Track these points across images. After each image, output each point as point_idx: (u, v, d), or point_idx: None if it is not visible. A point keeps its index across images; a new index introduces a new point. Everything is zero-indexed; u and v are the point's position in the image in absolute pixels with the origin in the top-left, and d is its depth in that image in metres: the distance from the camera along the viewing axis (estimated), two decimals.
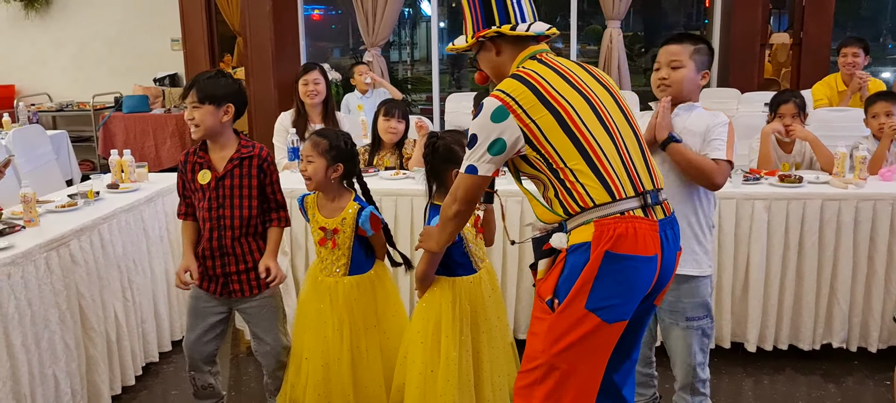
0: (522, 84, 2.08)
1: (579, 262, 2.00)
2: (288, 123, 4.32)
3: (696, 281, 2.63)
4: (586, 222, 2.01)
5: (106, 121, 8.08)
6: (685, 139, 2.61)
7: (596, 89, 2.15)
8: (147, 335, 3.56)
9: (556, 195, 2.08)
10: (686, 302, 2.64)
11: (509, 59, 2.21)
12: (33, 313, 2.72)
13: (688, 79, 2.62)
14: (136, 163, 3.91)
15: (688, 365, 2.71)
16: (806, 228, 3.47)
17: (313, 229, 2.77)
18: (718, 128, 2.60)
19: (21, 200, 3.03)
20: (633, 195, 2.04)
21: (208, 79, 2.66)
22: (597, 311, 1.98)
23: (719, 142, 2.58)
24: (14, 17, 8.68)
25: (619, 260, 1.98)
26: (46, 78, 8.84)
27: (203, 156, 2.70)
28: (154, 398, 3.42)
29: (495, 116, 2.06)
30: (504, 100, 2.07)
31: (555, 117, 2.04)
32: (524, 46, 2.19)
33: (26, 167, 5.40)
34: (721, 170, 2.57)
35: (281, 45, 7.35)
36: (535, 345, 2.07)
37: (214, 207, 2.69)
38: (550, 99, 2.06)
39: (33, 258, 2.75)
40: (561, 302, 2.01)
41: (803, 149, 4.01)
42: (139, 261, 3.48)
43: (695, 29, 9.80)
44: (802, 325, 3.59)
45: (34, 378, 2.72)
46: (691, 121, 2.64)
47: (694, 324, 2.66)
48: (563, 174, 2.04)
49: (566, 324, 2.01)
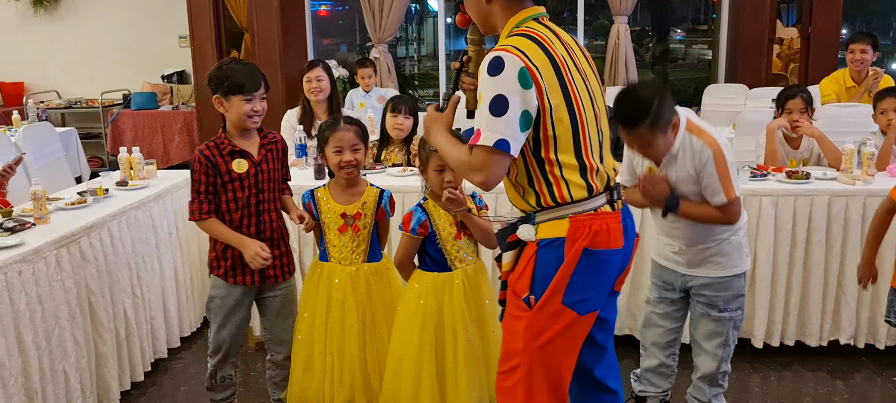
0: (541, 49, 1.92)
1: (552, 258, 1.99)
2: (294, 120, 4.34)
3: (730, 279, 2.65)
4: (560, 217, 1.99)
5: (114, 118, 8.12)
6: (683, 189, 2.53)
7: (590, 74, 2.08)
8: (156, 331, 3.59)
9: (532, 184, 2.01)
10: (721, 296, 2.66)
11: (501, 13, 2.03)
12: (44, 310, 2.75)
13: (661, 149, 2.47)
14: (144, 160, 3.93)
15: (715, 356, 2.71)
16: (813, 224, 3.46)
17: (330, 219, 2.77)
18: (705, 170, 2.43)
19: (31, 198, 3.06)
20: (604, 190, 2.05)
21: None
22: (572, 306, 2.01)
23: (713, 188, 2.45)
24: (23, 15, 8.73)
25: (595, 256, 2.00)
26: (55, 75, 8.89)
27: (235, 145, 2.70)
28: (163, 393, 3.44)
29: (522, 79, 1.86)
30: (527, 63, 1.87)
31: (566, 104, 1.95)
32: (521, 4, 2.02)
33: (36, 164, 5.42)
34: (728, 213, 2.49)
35: (288, 41, 7.37)
36: (515, 343, 2.07)
37: (254, 193, 2.72)
38: (567, 80, 1.95)
39: (44, 255, 2.77)
40: (538, 298, 2.01)
41: (811, 144, 4.00)
42: (148, 258, 3.50)
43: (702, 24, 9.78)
44: (809, 321, 3.59)
45: (45, 375, 2.74)
46: (680, 168, 2.50)
47: (726, 315, 2.67)
48: (550, 165, 1.97)
49: (544, 321, 2.02)
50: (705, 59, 9.26)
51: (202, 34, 7.20)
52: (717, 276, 2.64)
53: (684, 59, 9.98)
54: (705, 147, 2.41)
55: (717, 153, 2.41)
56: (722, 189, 2.43)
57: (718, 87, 6.93)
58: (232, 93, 2.63)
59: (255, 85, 2.65)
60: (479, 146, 1.89)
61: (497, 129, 1.86)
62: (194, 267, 3.98)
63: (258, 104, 2.68)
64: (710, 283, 2.66)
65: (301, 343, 2.81)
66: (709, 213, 2.51)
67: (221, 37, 7.39)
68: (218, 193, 2.70)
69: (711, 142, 2.42)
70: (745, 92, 6.40)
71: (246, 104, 2.64)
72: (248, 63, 2.75)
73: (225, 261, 2.75)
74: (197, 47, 7.29)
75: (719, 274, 2.64)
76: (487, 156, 1.89)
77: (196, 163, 2.68)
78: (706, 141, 2.42)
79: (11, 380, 2.56)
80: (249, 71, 2.68)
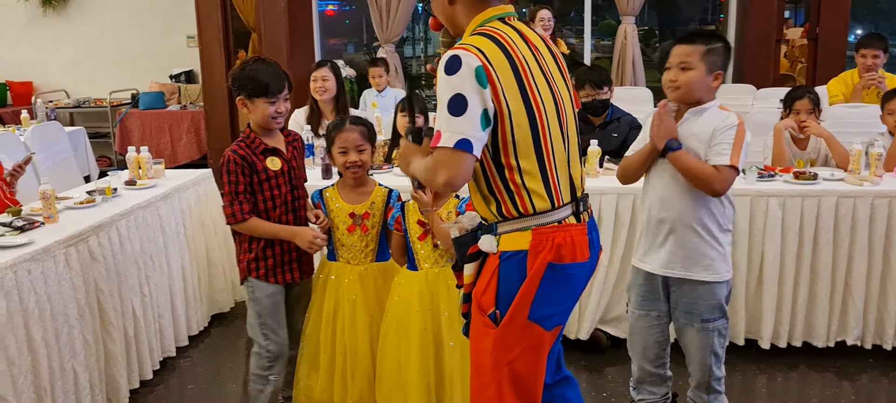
0: (500, 49, 1.88)
1: (514, 271, 1.93)
2: (302, 120, 4.35)
3: (712, 285, 2.61)
4: (522, 229, 1.93)
5: (123, 117, 8.15)
6: (691, 144, 2.54)
7: (557, 78, 2.02)
8: (164, 330, 3.60)
9: (492, 191, 1.95)
10: (701, 304, 2.62)
11: (465, 12, 1.99)
12: (53, 308, 2.77)
13: (697, 81, 2.53)
14: (153, 159, 3.95)
15: (703, 365, 2.69)
16: (821, 225, 3.46)
17: (339, 219, 2.78)
18: (725, 131, 2.50)
19: (40, 197, 3.08)
20: (569, 201, 1.99)
21: None
22: (538, 321, 1.96)
23: (723, 146, 2.49)
24: (32, 15, 8.77)
25: (561, 270, 1.94)
26: (63, 74, 8.93)
27: (266, 143, 2.70)
28: (171, 392, 3.46)
29: (480, 78, 1.82)
30: (483, 61, 1.83)
31: (525, 107, 1.89)
32: (486, 3, 1.97)
33: (45, 163, 5.45)
34: (721, 177, 2.48)
35: (295, 41, 7.39)
36: (484, 360, 2.02)
37: (290, 189, 2.73)
38: (526, 81, 1.89)
39: (53, 254, 2.79)
40: (503, 314, 1.96)
41: (818, 145, 3.99)
42: (156, 257, 3.52)
43: (710, 24, 9.76)
44: (817, 322, 3.58)
45: (54, 373, 2.76)
46: (700, 126, 2.55)
47: (709, 325, 2.63)
48: (509, 172, 1.91)
49: (512, 337, 1.97)
50: None
51: (210, 34, 7.23)
52: (697, 280, 2.59)
53: None
54: (735, 116, 2.54)
55: (741, 125, 2.52)
56: (730, 152, 2.47)
57: (726, 88, 6.83)
58: (257, 96, 2.62)
59: (279, 87, 2.64)
60: (440, 147, 1.84)
61: (457, 129, 1.81)
62: (201, 267, 4.00)
63: (282, 105, 2.67)
64: (690, 289, 2.61)
65: (307, 342, 2.82)
66: (702, 168, 2.50)
67: (229, 37, 7.42)
68: (253, 193, 2.67)
69: (739, 117, 2.54)
70: (753, 92, 6.39)
71: (270, 106, 2.63)
72: (272, 63, 2.71)
73: (265, 261, 2.72)
74: (205, 47, 7.32)
75: (700, 278, 2.59)
76: (448, 156, 1.83)
77: (231, 164, 2.63)
78: (736, 114, 2.55)
79: (21, 378, 2.58)
80: (273, 72, 2.65)
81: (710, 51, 2.52)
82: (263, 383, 2.78)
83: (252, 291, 2.75)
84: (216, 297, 4.17)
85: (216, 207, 4.15)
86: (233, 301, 4.27)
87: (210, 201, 4.12)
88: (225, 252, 4.18)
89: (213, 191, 4.19)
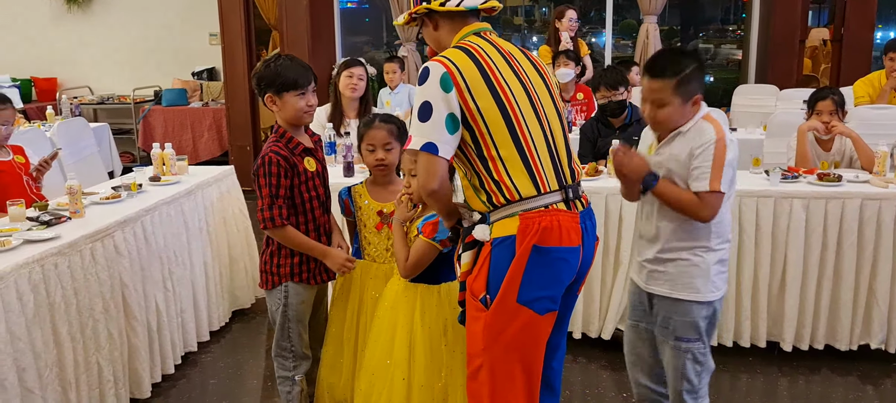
0: (469, 57, 2.06)
1: (505, 256, 2.03)
2: (323, 119, 4.37)
3: (687, 304, 2.40)
4: (511, 215, 2.04)
5: (146, 114, 8.23)
6: (673, 167, 2.36)
7: (533, 76, 2.16)
8: (186, 325, 3.64)
9: (482, 184, 2.08)
10: (676, 320, 2.42)
11: (448, 34, 2.19)
12: (79, 302, 2.80)
13: (673, 116, 2.35)
14: (176, 155, 3.99)
15: (675, 390, 2.48)
16: (845, 228, 3.42)
17: (367, 216, 2.76)
18: (702, 152, 2.29)
19: (67, 192, 3.12)
20: (557, 188, 2.08)
21: None
22: (528, 304, 2.03)
23: (701, 170, 2.29)
24: (57, 12, 8.88)
25: (546, 254, 2.02)
26: (88, 71, 9.03)
27: (303, 143, 2.66)
28: (192, 386, 3.49)
29: (444, 84, 2.01)
30: (449, 67, 2.03)
31: (496, 103, 2.04)
32: (464, 22, 2.18)
33: (70, 159, 5.52)
34: (704, 205, 2.29)
35: (316, 38, 7.41)
36: (475, 344, 2.11)
37: (324, 189, 2.72)
38: (494, 80, 2.05)
39: (79, 248, 2.83)
40: (493, 298, 2.04)
41: (843, 147, 3.95)
42: (179, 253, 3.55)
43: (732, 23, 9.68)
44: (840, 325, 3.55)
45: (79, 366, 2.80)
46: (680, 145, 2.36)
47: (682, 345, 2.42)
48: (493, 163, 2.05)
49: (502, 320, 2.05)
50: (735, 59, 9.17)
51: (232, 32, 7.27)
52: (673, 296, 2.40)
53: (713, 60, 9.89)
54: (713, 131, 2.31)
55: (720, 141, 2.29)
56: (709, 176, 2.28)
57: (749, 88, 6.86)
58: (285, 90, 2.57)
59: (307, 79, 2.61)
60: (408, 150, 2.06)
61: (424, 133, 2.01)
62: (223, 263, 4.03)
63: (311, 98, 2.63)
64: (665, 302, 2.43)
65: (330, 340, 2.83)
66: (685, 197, 2.32)
67: (251, 34, 7.45)
68: (292, 196, 2.61)
69: (719, 131, 2.32)
70: (776, 93, 6.33)
71: (300, 99, 2.58)
72: (295, 58, 2.68)
73: (309, 265, 2.67)
74: (227, 45, 7.36)
75: (676, 295, 2.40)
76: (419, 158, 2.05)
77: (273, 166, 2.53)
78: (716, 128, 2.33)
79: (47, 371, 2.62)
80: (300, 65, 2.62)
81: (681, 82, 2.31)
82: (291, 384, 2.77)
83: (287, 296, 2.68)
84: (237, 293, 4.20)
85: (238, 204, 4.21)
86: (253, 297, 4.30)
87: (232, 197, 4.16)
88: (246, 248, 4.21)
89: (235, 188, 4.23)
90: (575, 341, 3.71)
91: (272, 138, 2.62)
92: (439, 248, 2.45)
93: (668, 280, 2.42)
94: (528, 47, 10.04)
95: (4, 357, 2.41)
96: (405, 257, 2.49)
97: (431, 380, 2.47)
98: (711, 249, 2.38)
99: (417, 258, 2.46)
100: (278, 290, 2.67)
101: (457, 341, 2.48)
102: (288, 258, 2.66)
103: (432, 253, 2.46)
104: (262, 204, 2.55)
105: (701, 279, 2.38)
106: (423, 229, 2.45)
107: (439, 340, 2.50)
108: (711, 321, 2.45)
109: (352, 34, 9.16)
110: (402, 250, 2.51)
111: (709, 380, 2.51)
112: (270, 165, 2.53)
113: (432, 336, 2.49)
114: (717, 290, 2.42)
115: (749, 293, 3.54)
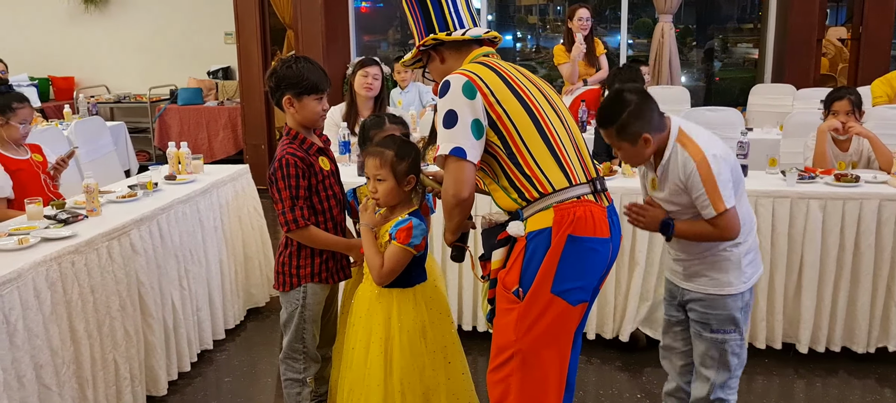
0: (487, 68, 2.14)
1: (541, 248, 2.06)
2: (338, 118, 4.38)
3: (722, 298, 2.47)
4: (545, 208, 2.07)
5: (162, 113, 8.29)
6: (674, 199, 2.41)
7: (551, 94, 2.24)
8: (202, 323, 3.66)
9: (512, 183, 2.11)
10: (712, 315, 2.48)
11: (455, 64, 2.26)
12: (96, 300, 2.82)
13: (632, 157, 2.42)
14: (191, 154, 4.01)
15: (705, 380, 2.53)
16: (862, 229, 3.39)
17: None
18: (692, 184, 2.32)
19: (84, 190, 3.14)
20: (585, 181, 2.13)
21: None
22: (562, 294, 2.06)
23: (701, 200, 2.32)
24: (74, 11, 8.96)
25: (581, 243, 2.06)
26: (104, 70, 9.12)
27: (316, 143, 2.66)
28: (208, 384, 3.51)
29: (467, 91, 2.07)
30: (470, 77, 2.09)
31: (521, 104, 2.10)
32: (469, 51, 2.25)
33: (87, 157, 5.57)
34: (721, 228, 2.33)
35: (331, 38, 7.43)
36: (506, 336, 2.12)
37: (339, 186, 2.72)
38: (515, 85, 2.13)
39: (96, 246, 2.85)
40: (527, 289, 2.07)
41: (860, 147, 3.92)
42: (195, 251, 3.57)
43: (748, 22, 9.61)
44: (857, 327, 3.52)
45: (96, 363, 2.82)
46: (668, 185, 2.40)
47: (719, 337, 2.48)
48: (523, 159, 2.09)
49: (535, 311, 2.07)
50: (751, 58, 9.11)
51: (248, 31, 7.30)
52: (707, 293, 2.47)
53: (730, 58, 9.83)
54: (689, 159, 2.31)
55: (700, 164, 2.29)
56: (709, 201, 2.30)
57: (765, 87, 6.81)
58: (306, 94, 2.57)
59: (326, 84, 2.63)
60: (438, 157, 2.09)
61: (451, 139, 2.06)
62: (238, 261, 4.05)
63: (326, 103, 2.65)
64: (700, 299, 2.49)
65: (343, 342, 2.83)
66: (703, 230, 2.36)
67: (266, 34, 7.48)
68: (310, 196, 2.60)
69: (696, 153, 2.31)
70: (793, 92, 6.29)
71: (318, 104, 2.60)
72: (313, 61, 2.67)
73: (328, 264, 2.67)
74: (242, 44, 7.40)
75: (710, 291, 2.47)
76: (447, 166, 2.08)
77: (291, 168, 2.51)
78: (691, 151, 2.32)
79: (64, 368, 2.64)
80: (319, 69, 2.63)
81: (620, 129, 2.34)
82: (301, 386, 2.77)
83: (305, 297, 2.66)
84: (252, 291, 4.22)
85: (253, 202, 4.22)
86: (268, 296, 4.32)
87: (247, 196, 4.18)
88: (261, 247, 4.23)
89: (250, 187, 4.25)
90: (589, 342, 3.70)
91: (285, 140, 2.61)
92: (413, 253, 2.40)
93: (701, 277, 2.49)
94: (542, 47, 10.03)
95: (22, 355, 2.44)
96: (379, 264, 2.40)
97: (412, 383, 2.46)
98: (738, 243, 2.43)
99: (393, 265, 2.39)
100: (296, 292, 2.66)
101: (436, 341, 2.50)
102: (309, 259, 2.64)
103: (407, 259, 2.40)
104: (282, 207, 2.54)
105: (734, 272, 2.45)
106: (397, 235, 2.37)
107: (419, 343, 2.47)
108: (746, 310, 2.52)
109: (366, 32, 9.18)
110: (375, 257, 2.41)
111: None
112: (288, 167, 2.52)
113: (412, 339, 2.46)
114: (749, 279, 2.49)
115: (765, 294, 3.52)
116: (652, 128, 2.35)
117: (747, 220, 2.46)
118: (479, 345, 3.53)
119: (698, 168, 2.29)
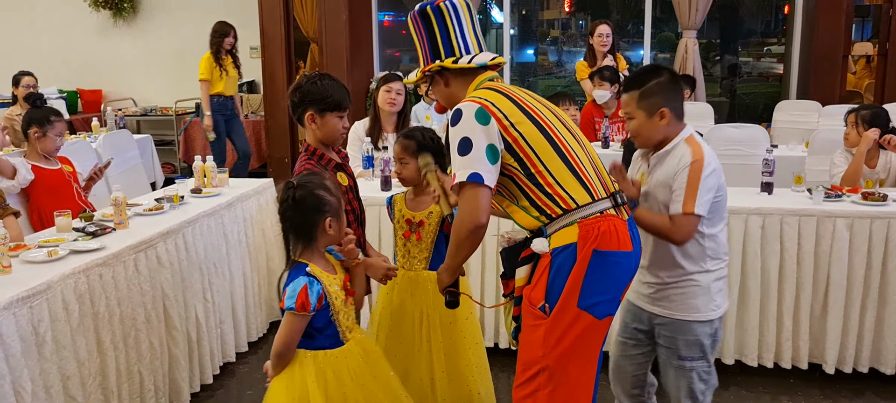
0: (502, 96, 2.15)
1: (567, 263, 2.06)
2: (361, 132, 4.40)
3: (690, 324, 2.46)
4: (570, 224, 2.08)
5: (187, 126, 8.37)
6: (658, 195, 2.44)
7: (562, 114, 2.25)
8: (225, 335, 3.68)
9: (533, 202, 2.12)
10: (680, 340, 2.48)
11: (460, 89, 2.26)
12: (122, 312, 2.86)
13: (641, 128, 2.45)
14: (217, 168, 4.05)
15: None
16: (890, 248, 3.35)
17: (399, 224, 2.87)
18: (678, 175, 2.37)
19: (112, 203, 3.19)
20: (606, 196, 2.14)
21: None
22: (589, 309, 2.06)
23: (676, 194, 2.36)
24: (103, 26, 9.10)
25: (606, 257, 2.06)
26: (132, 83, 9.23)
27: (332, 160, 2.68)
28: (230, 397, 3.53)
29: (480, 117, 2.08)
30: (482, 103, 2.10)
31: (535, 125, 2.12)
32: (474, 76, 2.25)
33: (115, 170, 5.63)
34: (675, 228, 2.36)
35: (355, 52, 7.48)
36: (533, 352, 2.12)
37: (357, 201, 2.74)
38: (527, 107, 2.15)
39: (123, 259, 2.89)
40: (553, 305, 2.07)
41: (888, 163, 3.88)
42: (219, 264, 3.61)
43: (773, 37, 9.55)
44: (885, 348, 3.46)
45: (121, 375, 2.85)
46: (664, 171, 2.43)
47: (687, 364, 2.48)
48: (542, 179, 2.10)
49: (562, 326, 2.07)
50: (775, 74, 9.05)
51: (273, 45, 7.38)
52: (675, 317, 2.47)
53: (752, 74, 9.76)
54: (689, 154, 2.38)
55: (696, 162, 2.35)
56: (683, 198, 2.34)
57: (790, 104, 6.76)
58: (330, 110, 2.60)
59: (348, 102, 2.66)
60: (455, 184, 2.10)
61: (467, 166, 2.06)
62: (261, 275, 4.08)
63: (347, 121, 2.69)
64: (668, 323, 2.49)
65: None
66: (658, 221, 2.40)
67: (291, 48, 7.55)
68: None
69: (697, 154, 2.37)
70: (819, 109, 6.24)
71: (340, 121, 2.64)
72: (336, 78, 2.71)
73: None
74: (267, 58, 7.47)
75: (677, 316, 2.46)
76: (464, 193, 2.09)
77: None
78: (693, 150, 2.38)
79: (90, 379, 2.67)
80: (342, 87, 2.66)
81: (643, 94, 2.42)
82: None
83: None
84: (274, 304, 4.24)
85: (277, 216, 4.24)
86: None
87: (271, 210, 4.20)
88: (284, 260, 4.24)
89: (274, 200, 4.27)
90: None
91: (303, 156, 2.65)
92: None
93: (669, 301, 2.48)
94: (564, 62, 10.03)
95: (50, 366, 2.47)
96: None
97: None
98: (708, 270, 2.44)
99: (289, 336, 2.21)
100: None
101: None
102: None
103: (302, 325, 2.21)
104: None
105: (702, 298, 2.45)
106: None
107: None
108: (714, 338, 2.51)
109: (388, 46, 9.23)
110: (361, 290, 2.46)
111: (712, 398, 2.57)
112: None
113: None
114: (718, 308, 2.48)
115: (791, 313, 3.48)
116: (671, 110, 2.41)
117: (721, 249, 2.48)
118: (501, 361, 3.52)
119: (693, 165, 2.35)
